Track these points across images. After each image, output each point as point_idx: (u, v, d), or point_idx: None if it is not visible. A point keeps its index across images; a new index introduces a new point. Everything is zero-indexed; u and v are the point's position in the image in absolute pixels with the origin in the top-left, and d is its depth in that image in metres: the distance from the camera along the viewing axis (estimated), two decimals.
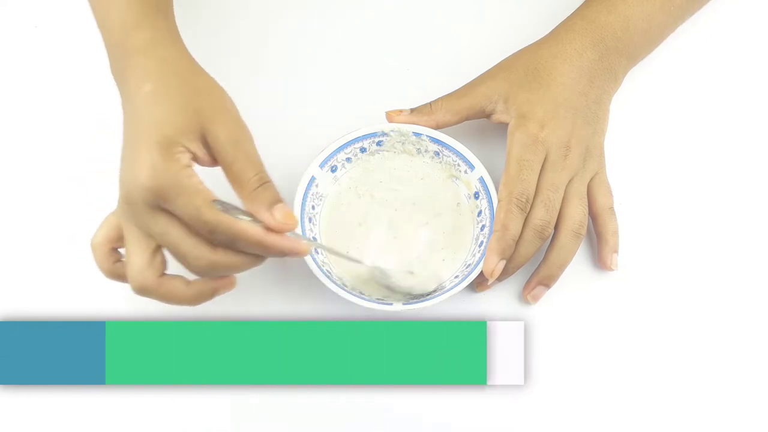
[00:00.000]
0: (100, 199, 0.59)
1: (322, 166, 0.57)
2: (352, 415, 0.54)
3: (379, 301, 0.53)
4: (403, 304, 0.52)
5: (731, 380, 0.55)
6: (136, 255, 0.45)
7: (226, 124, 0.46)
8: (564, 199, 0.55)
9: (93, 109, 0.62)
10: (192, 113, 0.45)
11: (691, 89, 0.64)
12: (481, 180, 0.56)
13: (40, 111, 0.63)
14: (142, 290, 0.46)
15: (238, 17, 0.66)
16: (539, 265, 0.56)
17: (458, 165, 0.58)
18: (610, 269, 0.57)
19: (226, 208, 0.44)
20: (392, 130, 0.58)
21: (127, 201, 0.44)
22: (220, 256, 0.44)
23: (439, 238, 0.57)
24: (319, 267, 0.53)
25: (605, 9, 0.59)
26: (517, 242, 0.54)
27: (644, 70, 0.63)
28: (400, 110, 0.58)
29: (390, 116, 0.58)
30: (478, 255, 0.54)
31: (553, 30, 0.60)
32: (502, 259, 0.53)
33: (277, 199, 0.45)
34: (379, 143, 0.58)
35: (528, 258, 0.54)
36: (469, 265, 0.54)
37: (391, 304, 0.52)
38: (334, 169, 0.58)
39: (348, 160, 0.58)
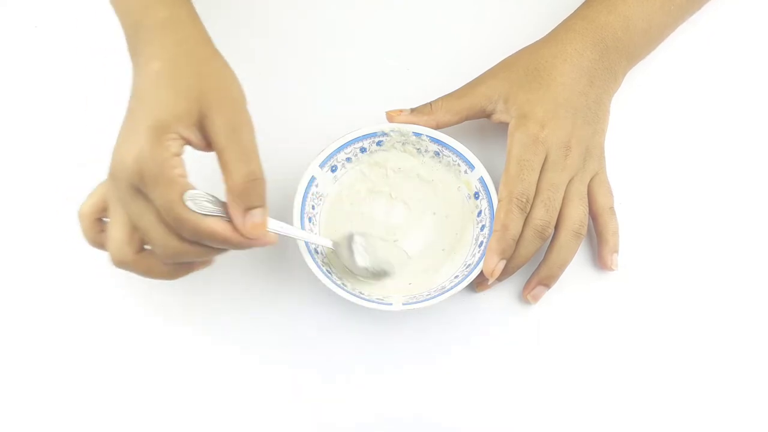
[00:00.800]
0: None
1: (322, 166, 0.57)
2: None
3: (378, 301, 0.53)
4: (403, 304, 0.52)
5: (731, 380, 0.55)
6: (116, 230, 0.46)
7: (226, 112, 0.45)
8: (564, 199, 0.55)
9: (93, 109, 0.62)
10: (193, 98, 0.45)
11: (691, 89, 0.64)
12: (481, 180, 0.56)
13: (40, 111, 0.63)
14: (121, 264, 0.47)
15: (237, 18, 0.66)
16: (539, 265, 0.56)
17: (458, 165, 0.58)
18: (610, 269, 0.57)
19: (200, 201, 0.44)
20: (392, 130, 0.58)
21: (112, 176, 0.45)
22: (187, 247, 0.45)
23: (439, 238, 0.57)
24: (318, 267, 0.53)
25: (605, 9, 0.59)
26: (517, 242, 0.54)
27: (644, 70, 0.63)
28: (400, 110, 0.58)
29: (390, 116, 0.58)
30: (478, 255, 0.54)
31: (553, 30, 0.60)
32: (502, 259, 0.53)
33: (257, 202, 0.46)
34: (379, 143, 0.58)
35: (528, 258, 0.54)
36: (469, 265, 0.54)
37: (391, 304, 0.52)
38: (334, 169, 0.58)
39: (348, 160, 0.58)
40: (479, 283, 0.56)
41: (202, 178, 0.47)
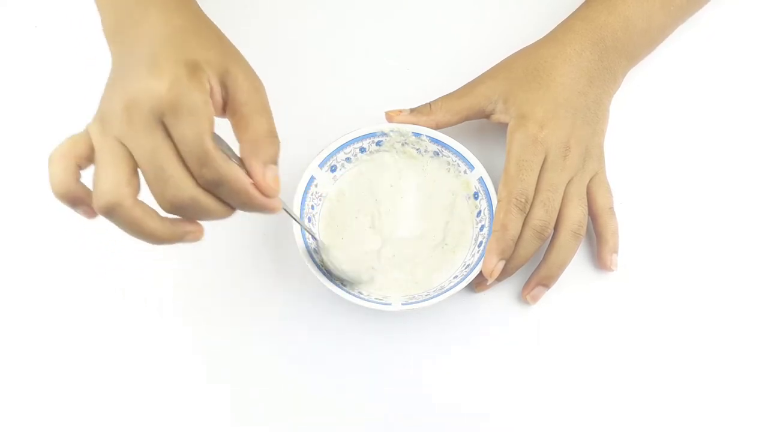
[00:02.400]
0: None
1: (321, 166, 0.57)
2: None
3: (378, 301, 0.53)
4: (402, 304, 0.52)
5: (731, 381, 0.55)
6: (114, 169, 0.41)
7: (247, 72, 0.46)
8: (563, 199, 0.55)
9: (93, 109, 0.62)
10: (220, 51, 0.45)
11: (691, 89, 0.64)
12: (481, 180, 0.56)
13: (41, 111, 0.63)
14: (114, 207, 0.41)
15: (237, 17, 0.66)
16: (539, 265, 0.56)
17: (458, 165, 0.58)
18: (610, 269, 0.57)
19: (224, 147, 0.43)
20: (392, 130, 0.58)
21: (127, 109, 0.41)
22: (201, 194, 0.42)
23: (438, 239, 0.57)
24: (318, 267, 0.53)
25: (605, 9, 0.59)
26: (517, 242, 0.54)
27: (643, 70, 0.63)
28: (400, 110, 0.58)
29: (390, 116, 0.58)
30: (477, 255, 0.54)
31: (552, 30, 0.60)
32: (501, 259, 0.53)
33: (274, 159, 0.44)
34: (378, 143, 0.58)
35: (527, 258, 0.54)
36: (468, 265, 0.54)
37: (390, 304, 0.52)
38: (333, 169, 0.58)
39: (347, 160, 0.58)
40: (478, 283, 0.56)
41: None
